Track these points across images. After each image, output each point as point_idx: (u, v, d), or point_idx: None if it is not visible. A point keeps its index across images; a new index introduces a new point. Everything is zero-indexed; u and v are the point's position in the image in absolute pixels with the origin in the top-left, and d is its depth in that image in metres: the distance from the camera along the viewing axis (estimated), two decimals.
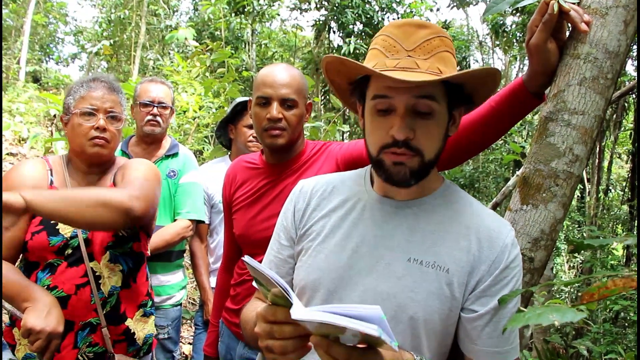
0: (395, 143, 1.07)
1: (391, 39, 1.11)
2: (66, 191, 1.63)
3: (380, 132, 1.10)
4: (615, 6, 1.25)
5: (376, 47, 1.13)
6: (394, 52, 1.09)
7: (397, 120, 1.07)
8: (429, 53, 1.08)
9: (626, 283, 0.81)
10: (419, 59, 1.07)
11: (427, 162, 1.10)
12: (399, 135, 1.06)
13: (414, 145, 1.07)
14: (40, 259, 1.69)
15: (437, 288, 1.08)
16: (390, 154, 1.09)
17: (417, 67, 1.06)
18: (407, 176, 1.10)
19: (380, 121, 1.10)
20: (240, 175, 1.90)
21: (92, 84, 1.79)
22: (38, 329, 1.48)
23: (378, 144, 1.11)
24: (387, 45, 1.11)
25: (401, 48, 1.09)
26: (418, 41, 1.08)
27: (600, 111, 1.28)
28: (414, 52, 1.08)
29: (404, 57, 1.08)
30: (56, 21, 19.42)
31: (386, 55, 1.10)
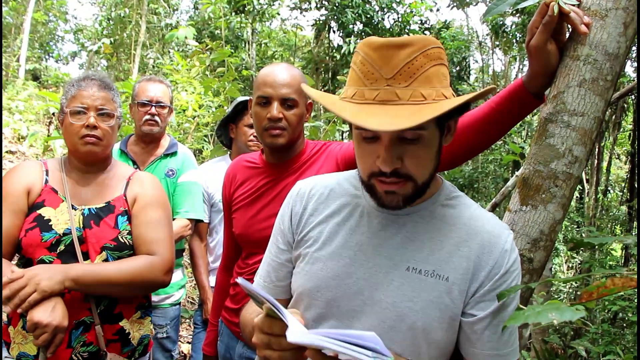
0: (383, 173, 1.04)
1: (369, 64, 1.02)
2: (106, 271, 1.66)
3: (368, 160, 1.06)
4: (614, 8, 1.26)
5: (355, 70, 1.06)
6: (373, 81, 1.01)
7: (382, 152, 1.02)
8: (410, 77, 1.00)
9: (625, 283, 0.81)
10: (400, 87, 0.99)
11: (421, 185, 1.07)
12: (385, 168, 1.02)
13: (403, 172, 1.04)
14: (33, 256, 1.69)
15: (436, 297, 1.08)
16: (380, 182, 1.06)
17: (397, 98, 0.99)
18: (400, 203, 1.07)
19: (366, 148, 1.06)
20: (240, 174, 1.90)
21: (82, 83, 1.79)
22: (45, 323, 1.50)
23: (367, 171, 1.08)
24: (366, 72, 1.03)
25: (380, 76, 1.01)
26: (398, 66, 1.00)
27: (600, 112, 1.28)
28: (393, 79, 1.00)
29: (382, 87, 1.00)
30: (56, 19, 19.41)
31: (365, 84, 1.02)
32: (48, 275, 1.54)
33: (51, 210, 1.74)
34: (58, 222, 1.72)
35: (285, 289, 1.30)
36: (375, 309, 1.10)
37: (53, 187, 1.79)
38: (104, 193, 1.83)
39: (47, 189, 1.78)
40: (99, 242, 1.73)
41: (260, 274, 1.34)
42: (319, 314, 1.17)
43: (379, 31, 11.00)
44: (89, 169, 1.84)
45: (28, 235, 1.69)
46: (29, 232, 1.69)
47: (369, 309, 1.10)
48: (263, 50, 13.28)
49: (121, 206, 1.81)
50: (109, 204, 1.81)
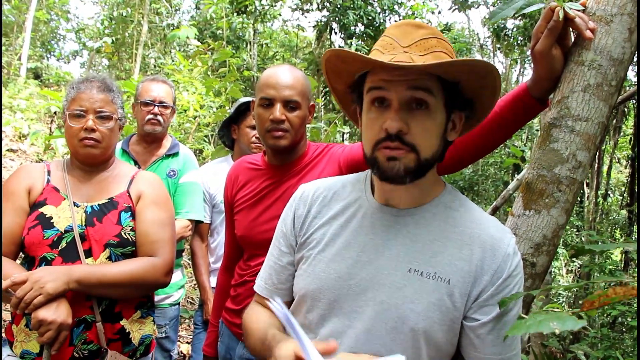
0: (388, 137, 1.05)
1: (389, 38, 1.11)
2: (108, 272, 1.68)
3: (374, 127, 1.09)
4: (620, 14, 1.26)
5: (375, 48, 1.14)
6: (390, 49, 1.09)
7: (390, 113, 1.06)
8: (425, 50, 1.07)
9: (626, 292, 0.81)
10: (415, 54, 1.06)
11: (423, 160, 1.08)
12: (392, 127, 1.04)
13: (408, 140, 1.05)
14: (36, 254, 1.70)
15: (437, 299, 1.08)
16: (383, 149, 1.07)
17: (412, 61, 1.05)
18: (400, 172, 1.07)
19: (375, 116, 1.09)
20: (242, 176, 1.90)
21: (82, 85, 1.80)
22: (49, 320, 1.52)
23: (372, 140, 1.09)
24: (385, 44, 1.11)
25: (397, 45, 1.08)
26: (415, 39, 1.08)
27: (604, 118, 1.28)
28: (409, 48, 1.07)
29: (399, 53, 1.07)
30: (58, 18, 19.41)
31: (382, 53, 1.09)
32: (52, 277, 1.56)
33: (53, 208, 1.75)
34: (60, 220, 1.73)
35: (287, 292, 1.30)
36: (377, 309, 1.10)
37: (55, 186, 1.80)
38: (106, 190, 1.85)
39: (48, 187, 1.79)
40: (102, 239, 1.74)
41: (262, 277, 1.35)
42: (322, 315, 1.17)
43: (381, 33, 10.97)
44: (89, 169, 1.86)
45: (30, 234, 1.70)
46: (31, 230, 1.71)
47: (371, 310, 1.10)
48: (264, 51, 13.29)
49: (125, 202, 1.82)
50: (112, 200, 1.82)
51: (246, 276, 1.82)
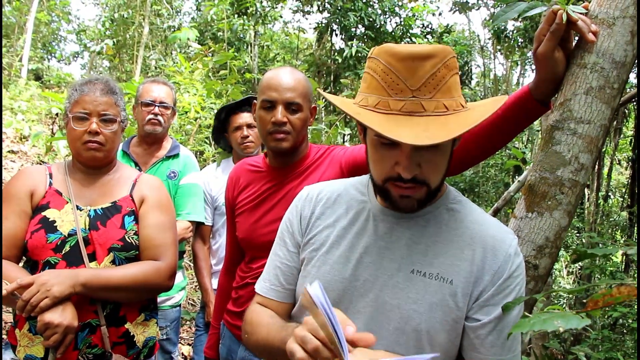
0: (400, 179, 1.06)
1: (394, 74, 1.03)
2: (113, 276, 1.68)
3: (385, 165, 1.08)
4: (622, 17, 1.26)
5: (376, 78, 1.06)
6: (398, 92, 1.02)
7: (403, 159, 1.04)
8: (434, 89, 1.02)
9: (630, 292, 0.81)
10: (424, 99, 1.01)
11: (434, 189, 1.10)
12: (406, 175, 1.04)
13: (420, 179, 1.06)
14: (39, 258, 1.70)
15: (440, 299, 1.09)
16: (395, 187, 1.08)
17: (422, 109, 1.01)
18: (414, 207, 1.11)
19: (384, 153, 1.08)
20: (243, 178, 1.90)
21: (85, 87, 1.79)
22: (55, 323, 1.52)
23: (383, 176, 1.10)
24: (390, 82, 1.03)
25: (405, 87, 1.02)
26: (423, 77, 1.01)
27: (606, 120, 1.28)
28: (419, 91, 1.01)
29: (408, 99, 1.02)
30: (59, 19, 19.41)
31: (389, 94, 1.03)
32: (58, 280, 1.56)
33: (56, 212, 1.74)
34: (63, 223, 1.72)
35: (291, 293, 1.30)
36: (381, 311, 1.11)
37: (57, 189, 1.79)
38: (109, 193, 1.84)
39: (51, 191, 1.78)
40: (106, 243, 1.74)
41: (267, 278, 1.33)
42: None
43: (381, 35, 11.01)
44: (93, 172, 1.85)
45: (33, 237, 1.70)
46: (35, 234, 1.70)
47: (374, 311, 1.11)
48: (265, 52, 13.30)
49: (128, 206, 1.82)
50: (115, 204, 1.81)
51: (248, 278, 1.82)
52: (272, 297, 1.30)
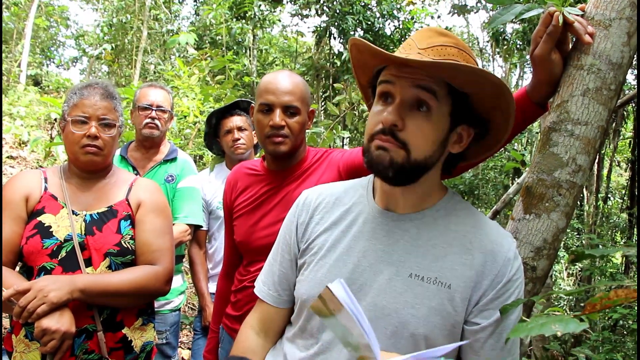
0: (382, 130, 1.06)
1: (410, 40, 1.12)
2: (111, 281, 1.67)
3: (374, 120, 1.10)
4: (618, 18, 1.26)
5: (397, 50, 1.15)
6: (407, 49, 1.11)
7: (389, 108, 1.07)
8: (440, 56, 1.07)
9: (628, 294, 0.81)
10: (428, 57, 1.07)
11: (413, 161, 1.06)
12: (386, 120, 1.05)
13: (400, 136, 1.05)
14: (35, 263, 1.69)
15: (438, 304, 1.08)
16: (375, 140, 1.08)
17: None
18: (386, 163, 1.06)
19: (377, 110, 1.11)
20: (241, 181, 1.89)
21: (84, 91, 1.78)
22: (53, 329, 1.51)
23: (369, 132, 1.11)
24: (405, 45, 1.13)
25: (414, 46, 1.10)
26: (433, 43, 1.09)
27: (604, 122, 1.28)
28: (424, 51, 1.08)
29: (414, 53, 1.08)
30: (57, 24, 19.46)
31: (400, 52, 1.11)
32: (56, 286, 1.55)
33: (51, 217, 1.73)
34: (59, 229, 1.71)
35: (288, 299, 1.31)
36: (378, 315, 1.10)
37: (52, 194, 1.78)
38: (105, 198, 1.83)
39: (46, 195, 1.77)
40: (102, 248, 1.73)
41: (264, 282, 1.34)
42: (323, 321, 1.17)
43: (380, 38, 11.02)
44: (88, 176, 1.84)
45: (29, 243, 1.69)
46: (30, 239, 1.69)
47: (371, 315, 1.10)
48: (264, 56, 13.31)
49: (124, 210, 1.81)
50: (111, 208, 1.80)
51: (246, 282, 1.82)
52: (270, 303, 1.31)
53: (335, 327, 0.94)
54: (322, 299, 0.91)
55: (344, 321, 0.90)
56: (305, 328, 1.22)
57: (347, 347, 0.95)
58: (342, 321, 0.91)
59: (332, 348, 1.15)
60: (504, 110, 1.11)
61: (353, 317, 0.87)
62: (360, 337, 0.88)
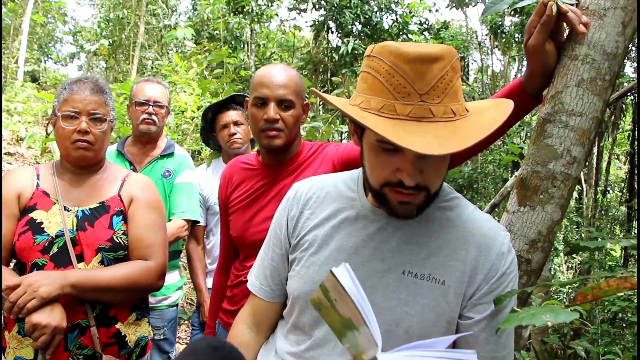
0: (401, 184, 1.02)
1: (401, 77, 0.97)
2: (103, 276, 1.67)
3: (385, 170, 1.04)
4: (613, 7, 1.25)
5: (380, 80, 1.00)
6: (405, 95, 0.97)
7: (407, 166, 1.00)
8: (442, 93, 0.98)
9: (620, 284, 0.81)
10: (433, 103, 0.97)
11: (432, 196, 1.07)
12: (409, 183, 1.00)
13: (422, 185, 1.03)
14: (27, 260, 1.69)
15: (432, 301, 1.07)
16: (395, 192, 1.04)
17: (431, 115, 0.97)
18: (414, 213, 1.07)
19: (385, 159, 1.03)
20: (236, 176, 1.89)
21: (74, 86, 1.77)
22: (43, 324, 1.51)
23: (381, 181, 1.05)
24: (396, 84, 0.98)
25: (413, 91, 0.97)
26: (432, 81, 0.97)
27: (598, 113, 1.27)
28: (427, 95, 0.97)
29: (416, 103, 0.96)
30: (55, 20, 19.37)
31: (395, 97, 0.98)
32: (47, 281, 1.54)
33: (43, 213, 1.73)
34: (50, 225, 1.71)
35: (280, 293, 1.30)
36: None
37: (44, 190, 1.78)
38: (97, 193, 1.82)
39: (38, 192, 1.77)
40: (94, 244, 1.72)
41: (257, 275, 1.34)
42: (316, 317, 1.16)
43: (378, 32, 10.98)
44: (80, 172, 1.83)
45: (21, 239, 1.68)
46: (22, 235, 1.69)
47: None
48: (262, 51, 13.28)
49: (116, 206, 1.81)
50: (103, 204, 1.80)
51: (242, 277, 1.81)
52: (262, 297, 1.31)
53: (333, 321, 0.92)
54: (323, 287, 0.89)
55: (344, 310, 0.88)
56: (297, 324, 1.22)
57: (344, 341, 0.93)
58: (342, 310, 0.88)
59: (324, 345, 1.15)
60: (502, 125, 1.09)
61: (356, 303, 0.85)
62: (361, 326, 0.86)
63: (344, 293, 0.85)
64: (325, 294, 0.90)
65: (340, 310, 0.88)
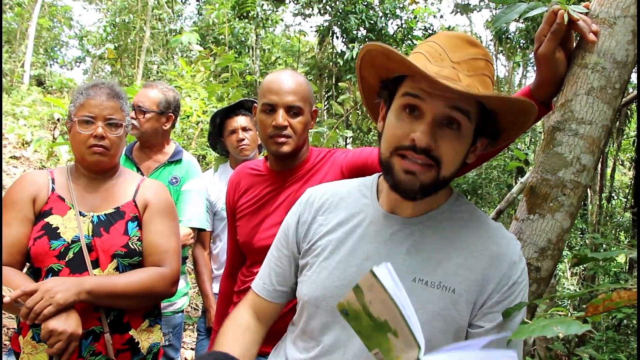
0: (413, 147, 1.02)
1: (438, 46, 1.06)
2: (118, 283, 1.67)
3: (400, 132, 1.05)
4: (623, 16, 1.25)
5: (420, 52, 1.08)
6: (438, 60, 1.04)
7: (422, 126, 1.02)
8: (473, 71, 1.04)
9: (631, 296, 0.81)
10: (462, 72, 1.03)
11: (442, 178, 1.06)
12: (421, 142, 1.01)
13: (434, 154, 1.03)
14: (42, 265, 1.69)
15: (442, 309, 1.07)
16: (403, 160, 1.04)
17: (458, 79, 1.02)
18: (415, 188, 1.05)
19: (403, 121, 1.06)
20: (244, 181, 1.89)
21: (91, 91, 1.77)
22: (60, 331, 1.51)
23: (393, 144, 1.06)
24: (433, 52, 1.06)
25: (447, 57, 1.04)
26: (465, 56, 1.04)
27: (608, 121, 1.27)
28: (458, 65, 1.03)
29: (447, 67, 1.03)
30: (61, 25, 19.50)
31: (429, 61, 1.05)
32: (63, 288, 1.55)
33: (59, 218, 1.73)
34: (66, 230, 1.71)
35: (284, 295, 1.31)
36: None
37: (60, 195, 1.78)
38: (112, 199, 1.83)
39: (53, 196, 1.77)
40: (110, 250, 1.72)
41: (261, 276, 1.35)
42: (325, 322, 1.16)
43: (383, 37, 11.00)
44: (95, 177, 1.84)
45: (36, 244, 1.68)
46: (37, 240, 1.69)
47: None
48: (267, 56, 13.31)
49: (131, 212, 1.81)
50: (118, 210, 1.80)
51: (249, 282, 1.80)
52: (263, 296, 1.32)
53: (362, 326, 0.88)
54: (357, 288, 0.85)
55: (378, 312, 0.84)
56: (305, 330, 1.22)
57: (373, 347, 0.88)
58: (376, 313, 0.84)
59: (334, 351, 1.14)
60: (521, 125, 1.12)
61: (398, 304, 0.81)
62: (400, 327, 0.82)
63: (384, 294, 0.81)
64: (359, 295, 0.85)
65: (373, 313, 0.85)
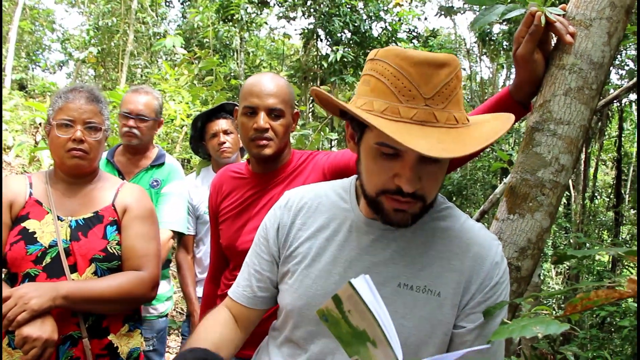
0: (399, 192, 1.00)
1: (406, 80, 0.96)
2: (95, 287, 1.65)
3: (382, 176, 1.02)
4: (599, 18, 1.26)
5: (384, 82, 0.99)
6: (409, 99, 0.96)
7: (406, 171, 0.98)
8: (446, 99, 0.98)
9: (609, 294, 0.81)
10: (437, 108, 0.97)
11: (428, 205, 1.05)
12: (408, 189, 0.99)
13: (419, 193, 1.01)
14: (19, 270, 1.66)
15: (428, 313, 1.07)
16: (391, 200, 1.03)
17: (435, 120, 0.96)
18: (407, 222, 1.05)
19: (383, 165, 1.02)
20: (226, 185, 1.88)
21: (70, 95, 1.76)
22: (34, 337, 1.48)
23: (378, 188, 1.04)
24: (401, 87, 0.97)
25: (418, 94, 0.96)
26: (437, 86, 0.96)
27: (586, 121, 1.29)
28: (432, 100, 0.96)
29: (421, 107, 0.96)
30: (43, 28, 19.28)
31: (400, 100, 0.97)
32: (37, 293, 1.52)
33: (36, 223, 1.71)
34: (43, 234, 1.69)
35: (265, 301, 1.29)
36: None
37: (37, 200, 1.76)
38: (91, 203, 1.81)
39: (31, 201, 1.75)
40: (88, 254, 1.71)
41: (240, 283, 1.31)
42: (310, 331, 1.15)
43: (367, 40, 11.04)
44: (74, 181, 1.82)
45: (13, 249, 1.66)
46: (14, 245, 1.66)
47: None
48: (251, 59, 13.29)
49: (110, 216, 1.79)
50: (97, 214, 1.78)
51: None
52: (243, 303, 1.28)
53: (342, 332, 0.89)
54: (336, 298, 0.85)
55: (357, 322, 0.85)
56: (291, 338, 1.20)
57: (352, 353, 0.90)
58: (355, 322, 0.86)
59: (322, 359, 1.14)
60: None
61: (376, 317, 0.82)
62: (378, 339, 0.83)
63: (362, 306, 0.82)
64: (338, 305, 0.86)
65: (352, 322, 0.86)
